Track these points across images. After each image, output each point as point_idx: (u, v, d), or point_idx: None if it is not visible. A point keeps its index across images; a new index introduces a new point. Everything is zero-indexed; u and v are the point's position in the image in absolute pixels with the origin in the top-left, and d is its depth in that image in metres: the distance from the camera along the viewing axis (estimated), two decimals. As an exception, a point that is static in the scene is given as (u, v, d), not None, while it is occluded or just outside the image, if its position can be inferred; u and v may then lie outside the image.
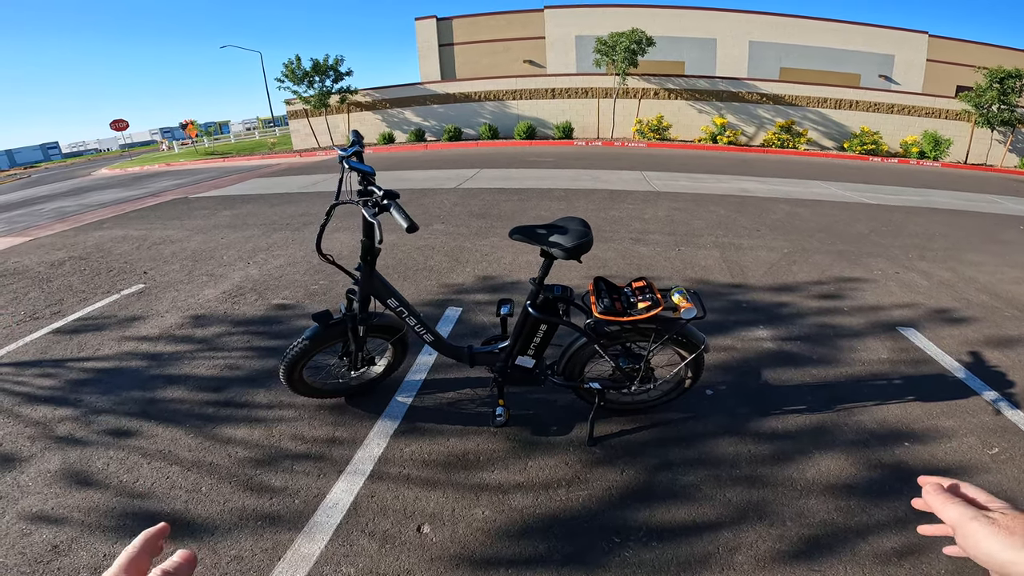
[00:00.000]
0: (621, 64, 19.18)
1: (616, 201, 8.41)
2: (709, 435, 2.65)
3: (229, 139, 36.77)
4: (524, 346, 2.44)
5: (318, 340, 2.50)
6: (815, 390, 3.07)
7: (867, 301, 4.40)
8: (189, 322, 4.06)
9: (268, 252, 5.90)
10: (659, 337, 2.31)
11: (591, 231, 2.21)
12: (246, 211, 8.56)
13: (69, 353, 3.66)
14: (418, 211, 7.77)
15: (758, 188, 10.14)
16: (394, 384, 3.07)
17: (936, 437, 2.65)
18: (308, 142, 23.44)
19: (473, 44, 27.74)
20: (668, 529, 2.09)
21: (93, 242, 6.93)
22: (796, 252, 5.77)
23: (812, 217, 7.67)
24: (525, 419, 2.75)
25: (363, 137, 2.40)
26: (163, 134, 44.58)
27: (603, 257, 5.46)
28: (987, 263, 5.66)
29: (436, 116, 22.80)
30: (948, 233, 7.06)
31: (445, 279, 4.84)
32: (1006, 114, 17.91)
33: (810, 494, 2.27)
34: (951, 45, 25.87)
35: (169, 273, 5.32)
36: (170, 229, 7.45)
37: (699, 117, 21.22)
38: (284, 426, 2.74)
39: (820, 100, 20.62)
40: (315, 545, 2.03)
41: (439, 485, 2.33)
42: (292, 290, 4.66)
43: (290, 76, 20.70)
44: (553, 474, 2.39)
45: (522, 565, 1.94)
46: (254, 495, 2.28)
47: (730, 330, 3.80)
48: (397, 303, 2.48)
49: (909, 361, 3.42)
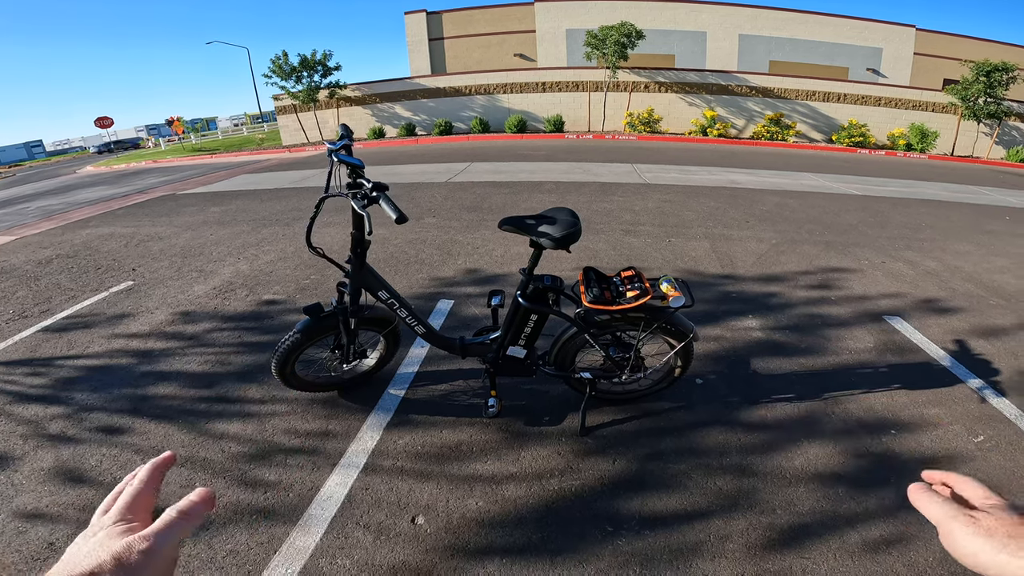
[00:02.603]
0: (611, 57, 19.19)
1: (607, 193, 8.43)
2: (699, 424, 2.68)
3: (217, 135, 36.42)
4: (515, 336, 2.46)
5: (309, 333, 2.50)
6: (803, 379, 3.10)
7: (854, 290, 4.45)
8: (179, 318, 4.04)
9: (258, 247, 5.87)
10: (648, 326, 2.33)
11: (580, 221, 2.22)
12: (235, 207, 8.50)
13: (59, 351, 3.63)
14: (409, 205, 7.76)
15: (747, 180, 10.19)
16: (387, 377, 3.08)
17: (922, 425, 2.69)
18: (297, 137, 23.28)
19: (463, 38, 27.61)
20: (660, 518, 2.11)
21: (80, 240, 6.86)
22: (785, 243, 5.82)
23: (801, 208, 7.72)
24: (518, 410, 2.77)
25: (352, 131, 2.39)
26: (149, 131, 44.05)
27: (594, 248, 5.48)
28: (973, 253, 5.73)
29: (426, 110, 22.72)
30: (934, 224, 7.14)
31: (436, 272, 4.84)
32: (992, 107, 18.12)
33: (799, 482, 2.30)
34: (938, 39, 26.09)
35: (158, 270, 5.28)
36: (158, 226, 7.39)
37: (689, 110, 21.28)
38: (277, 420, 2.74)
39: (809, 93, 20.74)
40: (310, 538, 2.03)
41: (433, 476, 2.35)
42: (283, 285, 4.64)
43: (278, 71, 20.55)
44: (546, 464, 2.41)
45: (516, 555, 1.96)
46: (248, 489, 2.28)
47: (720, 320, 3.83)
48: (388, 295, 2.48)
49: (895, 350, 3.47)
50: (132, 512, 0.46)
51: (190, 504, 0.47)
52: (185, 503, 0.47)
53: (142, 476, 0.50)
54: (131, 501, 0.47)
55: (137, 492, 0.48)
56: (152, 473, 0.50)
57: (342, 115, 22.99)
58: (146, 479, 0.50)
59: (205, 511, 0.48)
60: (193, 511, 0.47)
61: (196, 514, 0.47)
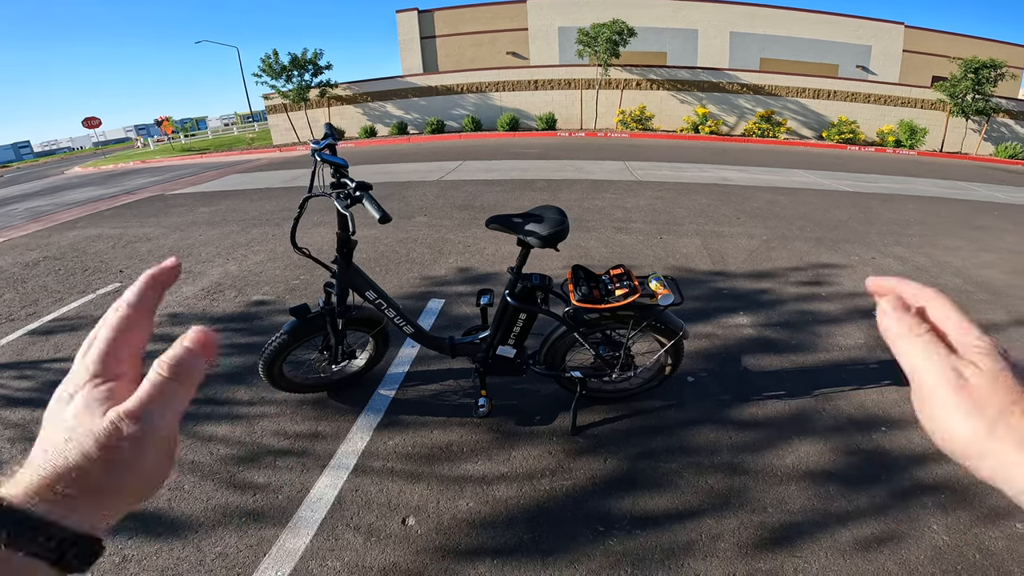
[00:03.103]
0: (603, 55, 19.18)
1: (599, 191, 8.43)
2: (691, 423, 2.68)
3: (207, 135, 36.15)
4: (504, 336, 2.44)
5: (296, 334, 2.48)
6: (794, 376, 3.11)
7: (844, 287, 4.47)
8: (166, 320, 4.00)
9: (247, 248, 5.83)
10: (637, 324, 2.32)
11: (567, 219, 2.21)
12: (225, 207, 8.44)
13: (46, 354, 3.58)
14: (400, 204, 7.73)
15: (739, 177, 10.22)
16: (377, 377, 3.06)
17: (912, 422, 2.69)
18: (288, 137, 23.14)
19: (456, 36, 27.52)
20: (652, 517, 2.11)
21: (68, 242, 6.78)
22: (776, 239, 5.84)
23: (791, 205, 7.75)
24: (508, 409, 2.75)
25: (336, 130, 2.37)
26: (138, 131, 43.67)
27: (586, 246, 5.47)
28: (962, 248, 5.77)
29: (418, 109, 22.63)
30: (924, 219, 7.18)
31: (427, 271, 4.82)
32: (980, 103, 18.25)
33: (790, 481, 2.30)
34: (927, 36, 26.24)
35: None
36: (146, 227, 7.32)
37: (681, 107, 21.31)
38: (266, 422, 2.72)
39: (799, 90, 20.83)
40: (300, 540, 2.02)
41: (423, 477, 2.33)
42: (272, 286, 4.61)
43: (268, 71, 20.39)
44: (537, 464, 2.40)
45: (507, 555, 1.95)
46: (237, 492, 2.26)
47: (711, 317, 3.84)
48: (376, 295, 2.46)
49: (885, 346, 3.46)
50: (113, 359, 0.34)
51: (183, 353, 0.34)
52: (176, 352, 0.34)
53: (128, 298, 0.36)
54: (112, 338, 0.34)
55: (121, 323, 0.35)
56: (144, 291, 0.37)
57: (333, 114, 22.87)
58: (135, 301, 0.36)
59: (204, 362, 0.35)
60: (188, 366, 0.34)
61: (192, 370, 0.34)
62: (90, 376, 0.33)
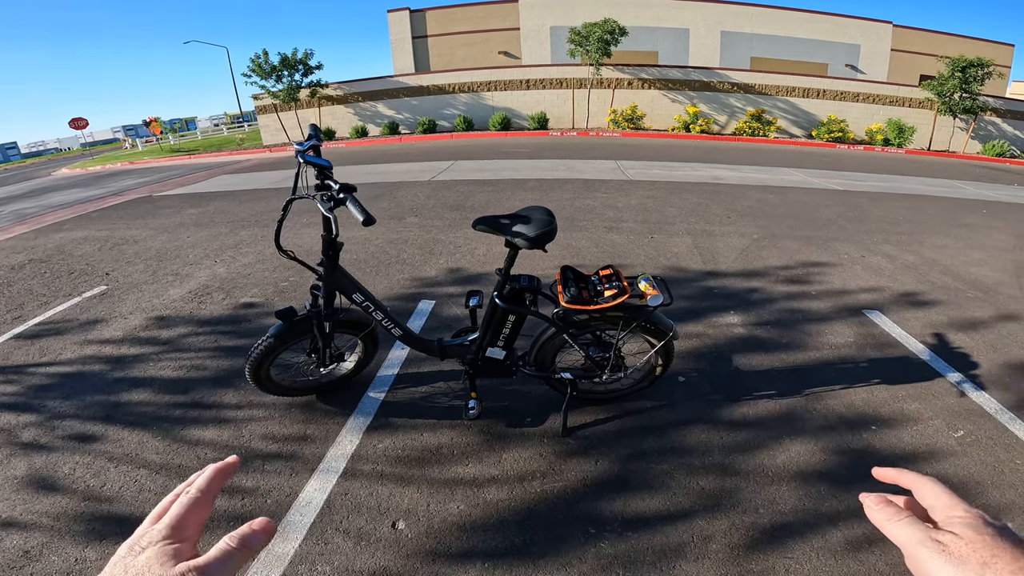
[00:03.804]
0: (595, 54, 19.20)
1: (590, 190, 8.43)
2: (682, 423, 2.67)
3: (196, 136, 35.83)
4: (494, 338, 2.43)
5: (283, 337, 2.45)
6: (785, 375, 3.11)
7: (834, 285, 4.49)
8: (153, 323, 3.96)
9: (236, 250, 5.77)
10: (627, 325, 2.31)
11: (555, 219, 2.20)
12: (213, 208, 8.36)
13: (31, 358, 3.53)
14: (391, 204, 7.69)
15: (730, 176, 10.26)
16: (366, 379, 3.04)
17: (902, 420, 2.71)
18: (278, 137, 22.98)
19: (447, 36, 27.43)
20: (643, 519, 2.10)
21: (54, 244, 6.69)
22: (766, 238, 5.86)
23: (781, 203, 7.79)
24: (498, 411, 2.74)
25: (321, 132, 2.35)
26: (126, 132, 43.23)
27: (577, 246, 5.47)
28: (950, 246, 5.81)
29: (410, 109, 22.55)
30: (912, 217, 7.23)
31: (418, 272, 4.80)
32: (968, 102, 18.41)
33: (781, 481, 2.30)
34: (915, 35, 26.45)
35: (132, 274, 5.17)
36: (133, 229, 7.24)
37: (672, 106, 21.36)
38: (254, 426, 2.69)
39: (789, 89, 20.93)
40: (289, 545, 2.00)
41: (413, 481, 2.31)
42: (261, 288, 4.57)
43: (257, 71, 20.23)
44: (528, 466, 2.38)
45: (498, 559, 1.93)
46: (225, 496, 2.23)
47: (702, 316, 3.84)
48: (363, 298, 2.44)
49: (875, 344, 3.49)
50: (182, 527, 0.42)
51: (250, 533, 0.43)
52: (245, 531, 0.43)
53: (200, 484, 0.46)
54: (184, 513, 0.43)
55: (192, 503, 0.44)
56: (212, 481, 0.46)
57: (324, 114, 22.74)
58: (204, 488, 0.45)
59: (264, 543, 0.44)
60: (252, 542, 0.42)
61: (255, 546, 0.42)
62: (162, 537, 0.41)
